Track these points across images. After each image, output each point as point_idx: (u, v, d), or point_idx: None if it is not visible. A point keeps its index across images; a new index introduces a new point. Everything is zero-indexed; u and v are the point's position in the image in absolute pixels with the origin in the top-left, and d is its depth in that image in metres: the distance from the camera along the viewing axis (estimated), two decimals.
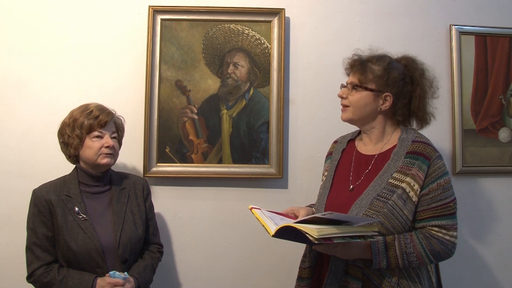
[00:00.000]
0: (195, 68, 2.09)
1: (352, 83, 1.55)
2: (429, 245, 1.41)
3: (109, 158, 1.69)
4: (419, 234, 1.43)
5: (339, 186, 1.58)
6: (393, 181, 1.45)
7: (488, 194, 2.21)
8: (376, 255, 1.39)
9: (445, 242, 1.43)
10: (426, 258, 1.42)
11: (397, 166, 1.47)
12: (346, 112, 1.57)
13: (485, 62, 2.19)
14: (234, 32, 2.10)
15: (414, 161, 1.45)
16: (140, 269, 1.69)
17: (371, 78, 1.51)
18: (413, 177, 1.43)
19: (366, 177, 1.52)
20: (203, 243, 2.12)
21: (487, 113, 2.19)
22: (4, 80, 2.06)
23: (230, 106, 2.10)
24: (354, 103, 1.53)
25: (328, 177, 1.64)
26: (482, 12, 2.22)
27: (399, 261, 1.40)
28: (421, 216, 1.45)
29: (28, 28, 2.08)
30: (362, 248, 1.40)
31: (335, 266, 1.47)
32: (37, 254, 1.62)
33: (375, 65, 1.53)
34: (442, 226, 1.43)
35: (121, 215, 1.69)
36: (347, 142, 1.70)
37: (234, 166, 2.09)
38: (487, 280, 2.21)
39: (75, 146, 1.68)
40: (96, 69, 2.09)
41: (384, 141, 1.57)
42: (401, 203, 1.43)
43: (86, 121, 1.67)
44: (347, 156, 1.65)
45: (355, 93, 1.53)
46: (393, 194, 1.43)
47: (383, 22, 2.18)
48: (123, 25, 2.11)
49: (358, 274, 1.43)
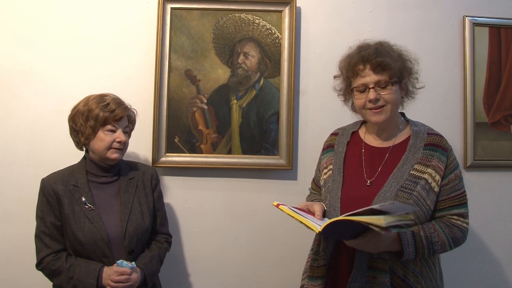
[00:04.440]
0: (205, 57, 2.07)
1: (380, 81, 1.48)
2: (451, 233, 1.46)
3: (118, 153, 1.68)
4: (440, 223, 1.48)
5: (353, 180, 1.55)
6: (415, 172, 1.46)
7: (500, 188, 2.19)
8: (407, 246, 1.40)
9: (463, 229, 1.49)
10: (448, 246, 1.47)
11: (416, 157, 1.49)
12: (383, 113, 1.50)
13: (499, 54, 2.16)
14: (244, 21, 2.08)
15: (433, 152, 1.49)
16: (146, 259, 1.69)
17: (395, 71, 1.49)
18: (434, 168, 1.47)
19: (383, 170, 1.51)
20: (211, 234, 2.12)
21: (500, 106, 2.17)
22: (13, 69, 2.06)
23: (240, 96, 2.08)
24: (391, 100, 1.49)
25: (336, 171, 1.60)
26: (496, 3, 2.18)
27: (425, 251, 1.42)
28: (442, 206, 1.49)
29: (38, 17, 2.07)
30: (391, 241, 1.40)
31: (360, 261, 1.45)
32: (45, 242, 1.63)
33: (388, 58, 1.49)
34: (460, 214, 1.49)
35: (128, 205, 1.69)
36: (350, 134, 1.67)
37: (243, 157, 2.07)
38: (497, 274, 2.19)
39: (86, 136, 1.67)
40: (106, 59, 2.08)
41: (395, 132, 1.57)
42: (425, 193, 1.45)
43: (101, 113, 1.64)
44: (354, 148, 1.62)
45: (387, 91, 1.48)
46: (416, 185, 1.45)
47: (396, 13, 2.15)
48: (133, 14, 2.09)
49: (385, 267, 1.42)
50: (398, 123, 1.58)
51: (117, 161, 1.71)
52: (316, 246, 1.59)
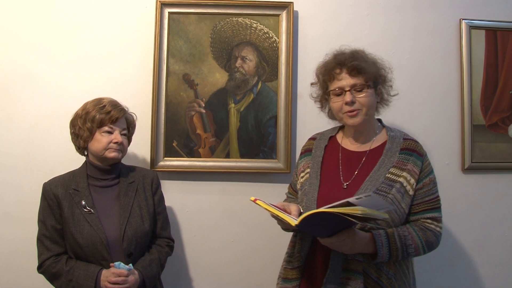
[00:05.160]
0: (203, 61, 2.08)
1: (356, 85, 1.53)
2: (425, 237, 1.48)
3: (117, 152, 1.70)
4: (414, 226, 1.50)
5: (330, 183, 1.57)
6: (391, 176, 1.50)
7: (497, 190, 2.19)
8: (381, 248, 1.42)
9: (437, 233, 1.52)
10: (422, 249, 1.48)
11: (392, 161, 1.52)
12: (359, 116, 1.54)
13: (495, 56, 2.17)
14: (242, 25, 2.08)
15: (409, 157, 1.53)
16: (145, 263, 1.69)
17: (370, 75, 1.53)
18: (409, 172, 1.50)
19: (360, 173, 1.54)
20: (210, 238, 2.12)
21: (497, 108, 2.17)
22: (12, 73, 2.06)
23: (238, 100, 2.08)
24: (367, 103, 1.53)
25: (314, 174, 1.62)
26: (492, 6, 2.19)
27: (399, 253, 1.44)
28: (416, 209, 1.52)
29: (36, 22, 2.08)
30: (366, 242, 1.42)
31: (335, 263, 1.47)
32: (46, 246, 1.65)
33: (363, 62, 1.54)
34: (434, 218, 1.52)
35: (127, 209, 1.70)
36: (328, 138, 1.70)
37: (241, 161, 2.08)
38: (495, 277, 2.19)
39: (84, 138, 1.70)
40: (104, 63, 2.09)
41: (372, 137, 1.61)
42: (400, 196, 1.48)
43: (98, 115, 1.67)
44: (332, 152, 1.65)
45: (362, 94, 1.53)
46: (391, 188, 1.47)
47: (393, 16, 2.16)
48: (131, 18, 2.10)
49: (359, 269, 1.45)
50: (374, 128, 1.62)
51: (116, 160, 1.72)
52: (291, 249, 1.63)
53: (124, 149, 1.74)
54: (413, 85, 2.16)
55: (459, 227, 2.16)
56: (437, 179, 1.58)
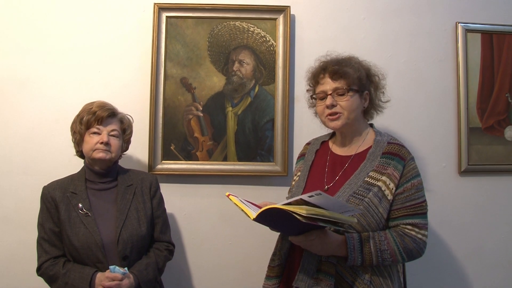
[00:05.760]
0: (200, 65, 2.09)
1: (338, 88, 1.54)
2: (402, 243, 1.45)
3: (104, 153, 1.69)
4: (393, 232, 1.47)
5: (314, 185, 1.58)
6: (369, 179, 1.48)
7: (494, 193, 2.20)
8: (352, 251, 1.41)
9: (417, 240, 1.46)
10: (399, 256, 1.45)
11: (373, 165, 1.51)
12: (340, 119, 1.55)
13: (491, 59, 2.18)
14: (239, 29, 2.10)
15: (390, 161, 1.50)
16: (141, 266, 1.68)
17: (354, 80, 1.54)
18: (388, 176, 1.48)
19: (342, 176, 1.55)
20: (208, 241, 2.13)
21: (493, 111, 2.18)
22: (10, 78, 2.07)
23: (235, 103, 2.09)
24: (347, 107, 1.53)
25: (301, 177, 1.66)
26: (488, 9, 2.20)
27: (373, 258, 1.42)
28: (395, 215, 1.48)
29: (34, 27, 2.09)
30: (337, 244, 1.41)
31: (307, 263, 1.46)
32: (45, 248, 1.66)
33: (348, 67, 1.55)
34: (415, 224, 1.47)
35: (124, 212, 1.70)
36: (320, 143, 1.73)
37: (239, 164, 2.09)
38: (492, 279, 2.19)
39: (77, 141, 1.73)
40: (102, 67, 2.10)
41: (360, 142, 1.61)
42: (377, 201, 1.46)
43: (86, 116, 1.71)
44: (321, 157, 1.67)
45: (344, 98, 1.54)
46: (369, 192, 1.46)
47: (389, 20, 2.17)
48: (129, 22, 2.11)
49: (331, 271, 1.43)
50: (362, 132, 1.62)
51: (104, 161, 1.71)
52: (275, 248, 1.64)
53: (114, 150, 1.72)
54: (410, 88, 2.17)
55: (456, 230, 2.17)
56: (434, 181, 1.58)
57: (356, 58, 1.63)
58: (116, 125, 1.76)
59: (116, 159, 1.77)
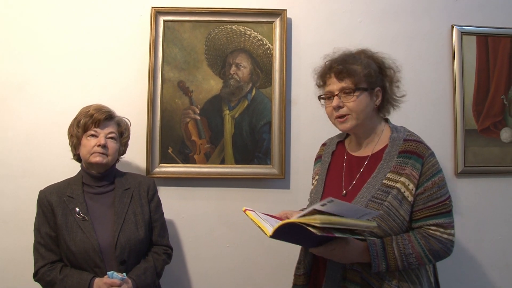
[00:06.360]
0: (197, 69, 2.10)
1: (344, 88, 1.46)
2: (427, 245, 1.38)
3: (101, 157, 1.68)
4: (417, 234, 1.40)
5: (332, 190, 1.54)
6: (387, 181, 1.41)
7: (490, 194, 2.21)
8: (375, 258, 1.35)
9: (443, 240, 1.40)
10: (425, 258, 1.39)
11: (390, 166, 1.43)
12: (349, 121, 1.47)
13: (486, 62, 2.20)
14: (236, 33, 2.11)
15: (407, 160, 1.42)
16: (140, 271, 1.67)
17: (361, 78, 1.45)
18: (407, 176, 1.40)
19: (359, 180, 1.48)
20: (205, 243, 2.13)
21: (489, 113, 2.20)
22: (7, 82, 2.08)
23: (233, 106, 2.10)
24: (355, 108, 1.45)
25: (319, 181, 1.60)
26: (483, 12, 2.22)
27: (399, 263, 1.36)
28: (417, 216, 1.41)
29: (31, 31, 2.09)
30: (360, 251, 1.36)
31: (332, 271, 1.43)
32: (42, 253, 1.65)
33: (355, 65, 1.47)
34: (439, 224, 1.40)
35: (121, 216, 1.69)
36: (336, 144, 1.65)
37: (236, 167, 2.09)
38: (489, 280, 2.21)
39: (75, 145, 1.73)
40: (99, 71, 2.10)
41: (375, 140, 1.53)
42: (397, 203, 1.39)
43: (83, 119, 1.70)
44: (338, 158, 1.61)
45: (351, 98, 1.45)
46: (388, 195, 1.39)
47: (385, 23, 2.19)
48: (126, 27, 2.12)
49: (357, 279, 1.40)
50: (376, 130, 1.54)
51: (101, 165, 1.70)
52: (299, 255, 1.60)
53: (111, 153, 1.72)
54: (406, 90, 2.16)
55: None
56: None
57: (368, 51, 1.55)
58: (113, 128, 1.76)
59: (113, 163, 1.77)
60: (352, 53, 1.55)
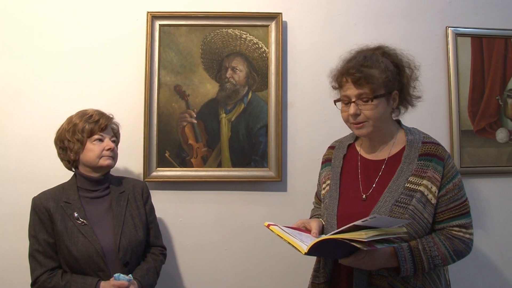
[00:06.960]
0: (193, 72, 2.10)
1: (361, 95, 1.42)
2: (452, 246, 1.41)
3: (111, 160, 1.72)
4: (440, 235, 1.42)
5: (349, 195, 1.51)
6: (410, 185, 1.41)
7: (486, 194, 2.22)
8: (404, 262, 1.36)
9: (466, 240, 1.43)
10: (450, 259, 1.41)
11: (411, 169, 1.43)
12: (365, 127, 1.44)
13: (481, 63, 2.21)
14: (232, 36, 2.11)
15: (428, 163, 1.42)
16: (143, 272, 1.70)
17: (379, 84, 1.42)
18: (429, 179, 1.41)
19: (378, 184, 1.46)
20: (203, 247, 2.14)
21: (484, 114, 2.21)
22: (5, 87, 2.08)
23: (229, 110, 2.11)
24: (373, 115, 1.42)
25: (333, 186, 1.56)
26: (478, 14, 2.23)
27: (425, 266, 1.37)
28: (440, 218, 1.43)
29: (27, 35, 2.10)
30: (387, 257, 1.36)
31: (359, 279, 1.41)
32: (40, 261, 1.63)
33: (372, 69, 1.42)
34: (462, 225, 1.42)
35: (120, 218, 1.71)
36: (346, 147, 1.62)
37: (233, 170, 2.10)
38: (487, 281, 2.21)
39: (75, 151, 1.70)
40: (96, 75, 2.11)
41: (390, 143, 1.51)
42: (421, 207, 1.39)
43: (87, 125, 1.70)
44: (351, 162, 1.58)
45: (369, 105, 1.41)
46: (412, 199, 1.39)
47: (381, 25, 2.20)
48: (122, 31, 2.13)
49: (384, 284, 1.39)
50: (391, 133, 1.52)
51: (110, 168, 1.74)
52: (316, 264, 1.56)
53: (116, 156, 1.77)
54: None
55: None
56: None
57: (385, 48, 1.52)
58: (111, 132, 1.79)
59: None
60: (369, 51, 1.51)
